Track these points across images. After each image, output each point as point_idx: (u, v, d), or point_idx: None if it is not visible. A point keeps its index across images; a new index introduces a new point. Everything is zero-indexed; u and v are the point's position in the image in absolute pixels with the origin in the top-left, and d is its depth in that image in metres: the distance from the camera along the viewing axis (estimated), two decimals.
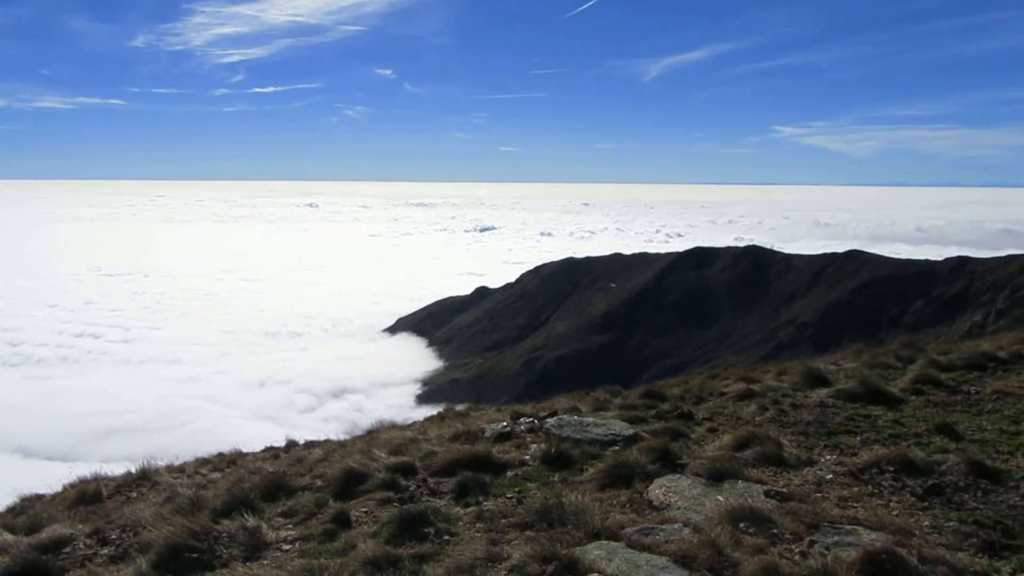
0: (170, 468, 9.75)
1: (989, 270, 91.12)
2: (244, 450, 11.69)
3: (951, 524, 4.67)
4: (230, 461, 10.31)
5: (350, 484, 5.79)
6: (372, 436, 8.92)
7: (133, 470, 9.22)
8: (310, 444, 10.87)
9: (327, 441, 10.53)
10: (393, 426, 9.90)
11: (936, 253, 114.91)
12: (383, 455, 6.44)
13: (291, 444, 11.47)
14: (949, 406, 7.42)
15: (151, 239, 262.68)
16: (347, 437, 10.57)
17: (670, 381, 10.95)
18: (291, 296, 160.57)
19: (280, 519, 5.39)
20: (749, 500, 4.76)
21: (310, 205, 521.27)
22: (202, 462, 10.48)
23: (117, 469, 10.19)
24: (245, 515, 5.11)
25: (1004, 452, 6.01)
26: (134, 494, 8.03)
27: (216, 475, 8.84)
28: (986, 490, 5.22)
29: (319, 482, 6.11)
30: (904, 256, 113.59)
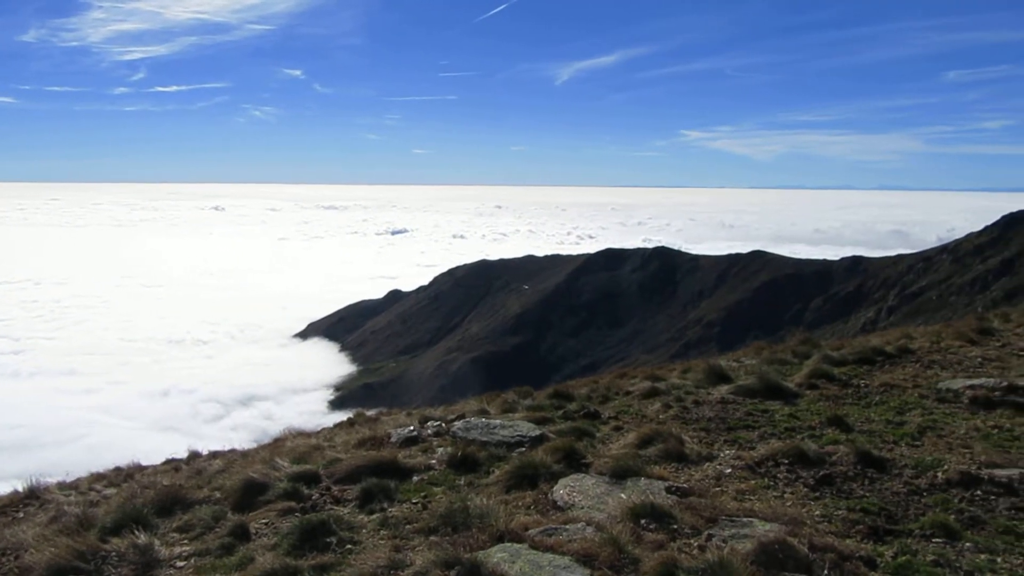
0: (62, 485, 9.24)
1: (881, 269, 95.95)
2: (144, 463, 11.21)
3: (840, 512, 4.86)
4: (127, 475, 9.87)
5: (250, 495, 5.62)
6: (276, 445, 8.70)
7: (20, 488, 8.71)
8: (213, 455, 10.52)
9: (231, 451, 10.22)
10: (299, 434, 9.67)
11: (833, 253, 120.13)
12: (286, 464, 6.28)
13: (193, 455, 11.06)
14: (840, 399, 7.75)
15: (43, 244, 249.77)
16: (252, 446, 10.29)
17: (579, 381, 11.07)
18: (196, 302, 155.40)
19: (175, 535, 5.19)
20: (651, 497, 4.84)
21: (215, 208, 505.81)
22: (97, 478, 10.00)
23: (3, 488, 9.63)
24: (137, 532, 4.89)
25: (889, 441, 6.32)
26: (20, 514, 7.59)
27: (111, 491, 8.45)
28: (872, 478, 5.47)
29: (218, 494, 5.91)
30: (803, 256, 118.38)
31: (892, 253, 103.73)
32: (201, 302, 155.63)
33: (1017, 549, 4.39)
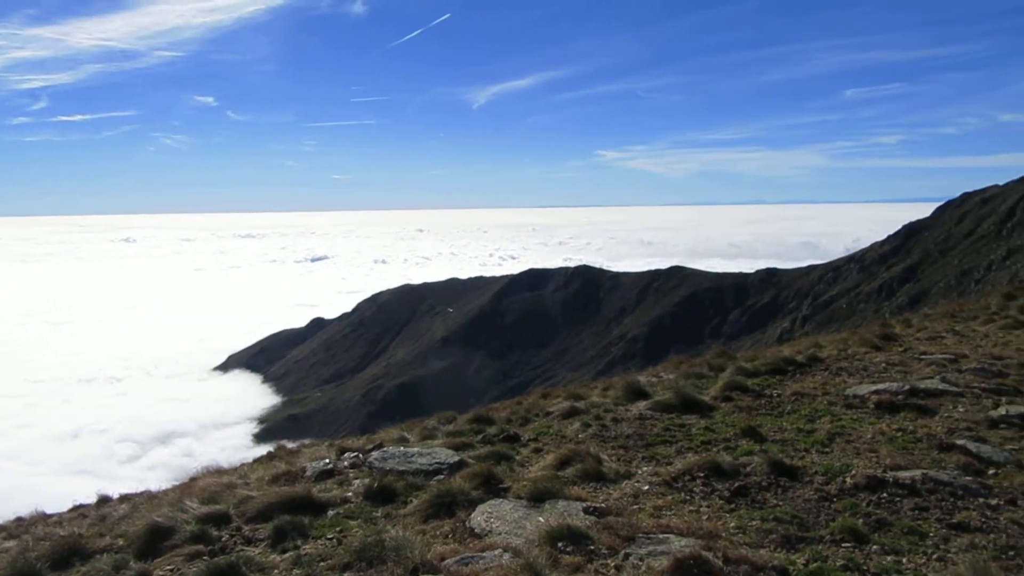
0: None
1: (794, 280, 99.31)
2: (49, 511, 10.59)
3: (754, 523, 4.93)
4: (29, 526, 9.31)
5: (155, 540, 5.35)
6: (188, 485, 8.36)
7: None
8: (123, 498, 10.03)
9: (141, 494, 9.76)
10: (213, 472, 9.32)
11: (748, 266, 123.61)
12: (195, 505, 6.02)
13: (104, 500, 10.51)
14: (754, 410, 7.91)
15: None
16: (167, 487, 9.85)
17: (501, 404, 11.02)
18: (107, 338, 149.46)
19: None
20: (569, 519, 4.82)
21: (126, 240, 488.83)
22: None
23: None
24: None
25: (801, 450, 6.47)
26: None
27: (11, 543, 7.95)
28: (785, 487, 5.58)
29: (121, 541, 5.62)
30: (720, 270, 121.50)
31: (803, 264, 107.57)
32: (113, 338, 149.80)
33: (921, 549, 4.52)
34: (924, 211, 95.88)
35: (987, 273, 66.31)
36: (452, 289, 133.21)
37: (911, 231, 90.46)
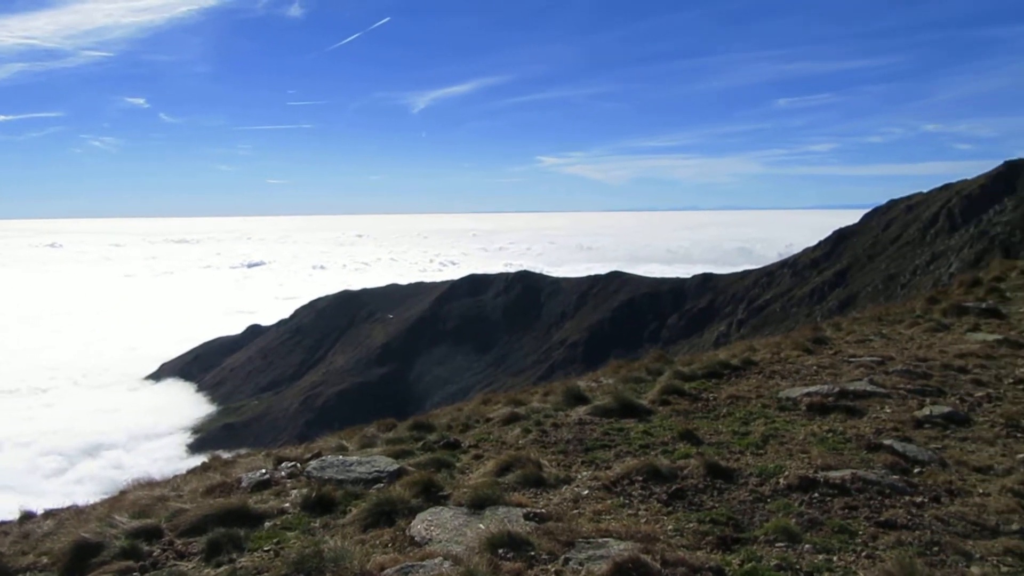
0: None
1: (729, 285, 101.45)
2: None
3: (691, 525, 5.01)
4: None
5: (82, 558, 5.16)
6: (117, 499, 8.08)
7: None
8: (49, 514, 9.65)
9: (68, 509, 9.41)
10: (144, 485, 9.03)
11: (685, 271, 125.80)
12: (124, 520, 5.82)
13: (27, 516, 10.08)
14: (691, 413, 8.03)
15: None
16: (93, 502, 9.52)
17: (442, 410, 10.97)
18: (31, 347, 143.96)
19: None
20: (509, 525, 4.81)
21: (52, 245, 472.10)
22: None
23: None
24: None
25: (736, 452, 6.59)
26: None
27: None
28: (721, 489, 5.68)
29: (45, 559, 5.40)
30: (658, 275, 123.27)
31: (739, 269, 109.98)
32: (37, 347, 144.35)
33: (850, 547, 4.66)
34: (853, 217, 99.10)
35: (912, 277, 68.80)
36: (392, 295, 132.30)
37: (841, 236, 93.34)
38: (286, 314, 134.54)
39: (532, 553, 4.52)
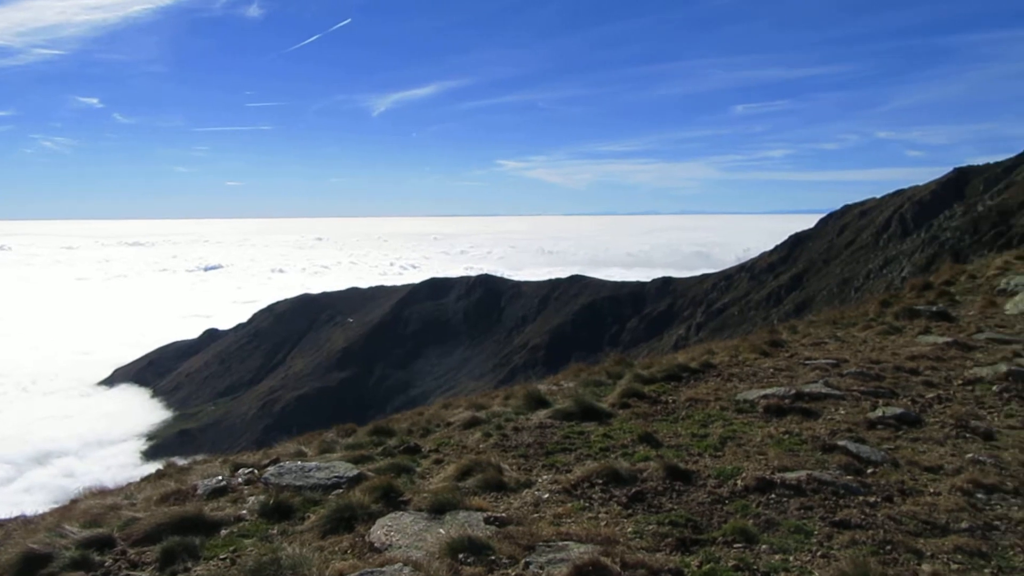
0: None
1: (688, 288, 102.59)
2: None
3: (651, 527, 5.04)
4: None
5: (31, 569, 5.02)
6: (68, 508, 7.89)
7: None
8: None
9: (16, 518, 9.17)
10: (97, 493, 8.83)
11: (644, 275, 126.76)
12: (75, 529, 5.68)
13: None
14: (651, 416, 8.09)
15: None
16: (42, 511, 9.29)
17: (402, 415, 10.90)
18: None
19: None
20: (469, 530, 4.80)
21: (0, 248, 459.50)
22: None
23: None
24: None
25: (695, 454, 6.66)
26: None
27: None
28: (680, 491, 5.73)
29: None
30: (618, 279, 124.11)
31: (697, 273, 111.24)
32: None
33: (806, 547, 4.73)
34: (809, 222, 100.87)
35: (866, 281, 70.24)
36: (352, 299, 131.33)
37: (797, 241, 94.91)
38: (244, 318, 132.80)
39: (492, 557, 4.51)
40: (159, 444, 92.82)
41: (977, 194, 74.61)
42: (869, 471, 6.09)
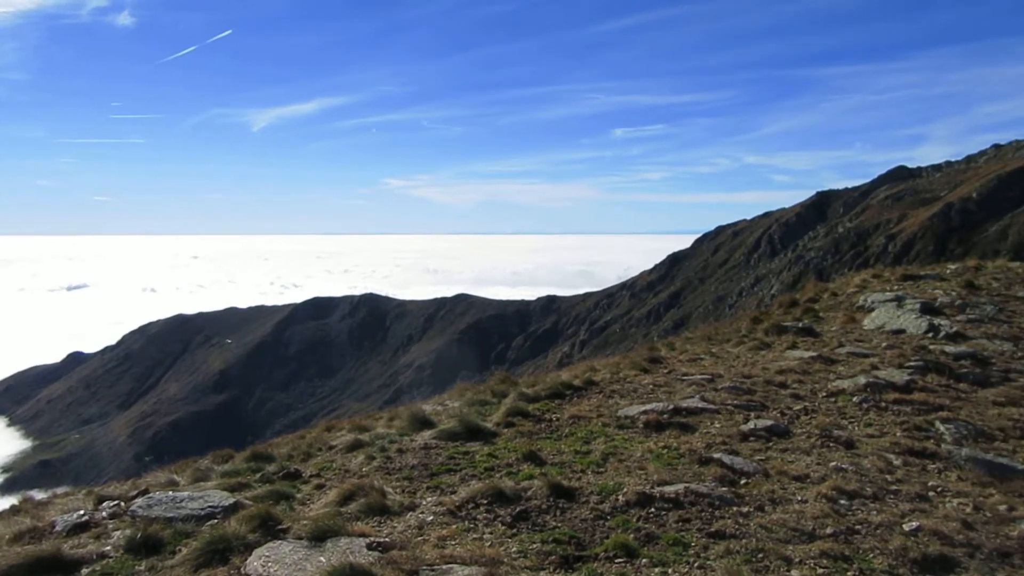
0: None
1: (572, 306, 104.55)
2: None
3: (535, 546, 5.06)
4: None
5: None
6: None
7: None
8: None
9: None
10: None
11: (529, 293, 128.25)
12: None
13: None
14: (535, 434, 8.14)
15: None
16: None
17: (283, 439, 10.57)
18: None
19: None
20: (351, 556, 4.69)
21: None
22: None
23: None
24: None
25: (578, 471, 6.75)
26: None
27: None
28: (564, 508, 5.78)
29: None
30: (504, 298, 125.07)
31: (580, 292, 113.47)
32: None
33: (684, 558, 4.86)
34: (686, 242, 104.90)
35: (739, 298, 73.59)
36: (230, 319, 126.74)
37: (675, 260, 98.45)
38: (113, 340, 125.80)
39: None
40: (15, 477, 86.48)
41: (837, 216, 79.73)
42: (742, 482, 6.33)
